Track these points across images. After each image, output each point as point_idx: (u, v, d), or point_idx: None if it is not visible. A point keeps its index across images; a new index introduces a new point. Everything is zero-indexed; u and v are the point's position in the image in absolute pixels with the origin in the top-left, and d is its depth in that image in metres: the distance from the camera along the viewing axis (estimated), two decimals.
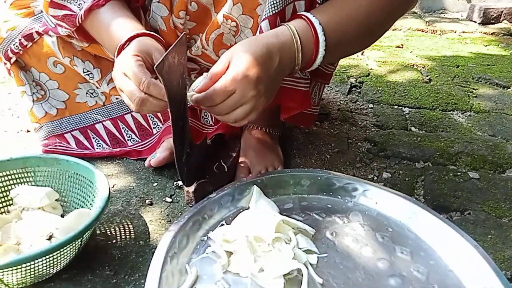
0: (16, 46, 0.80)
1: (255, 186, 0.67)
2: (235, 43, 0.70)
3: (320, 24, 0.59)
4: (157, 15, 0.71)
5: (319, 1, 0.62)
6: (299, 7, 0.63)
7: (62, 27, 0.71)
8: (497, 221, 0.73)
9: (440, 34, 2.10)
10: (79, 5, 0.67)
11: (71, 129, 0.88)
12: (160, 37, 0.66)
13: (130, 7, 0.70)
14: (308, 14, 0.60)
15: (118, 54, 0.62)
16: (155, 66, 0.51)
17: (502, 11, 2.21)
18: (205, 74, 0.59)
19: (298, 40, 0.58)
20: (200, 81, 0.58)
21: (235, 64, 0.54)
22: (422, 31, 2.13)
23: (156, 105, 0.57)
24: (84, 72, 0.81)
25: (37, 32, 0.79)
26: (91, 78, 0.82)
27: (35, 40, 0.80)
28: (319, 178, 0.69)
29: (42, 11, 0.80)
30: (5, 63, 0.83)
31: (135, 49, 0.58)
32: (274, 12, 0.61)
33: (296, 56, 0.59)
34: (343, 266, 0.55)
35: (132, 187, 0.78)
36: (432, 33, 2.11)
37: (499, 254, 0.65)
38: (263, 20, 0.62)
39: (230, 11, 0.65)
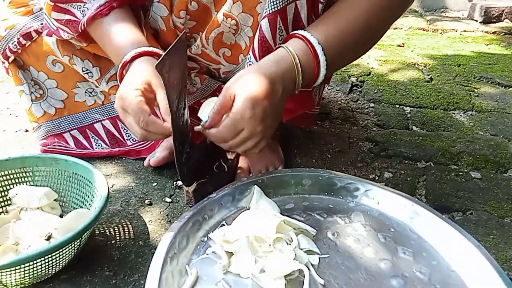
0: (15, 45, 0.79)
1: (255, 186, 0.66)
2: (235, 41, 0.70)
3: (319, 43, 0.59)
4: (157, 15, 0.71)
5: (322, 0, 0.62)
6: (301, 7, 0.62)
7: (64, 31, 0.71)
8: (499, 221, 0.73)
9: (441, 33, 2.10)
10: (82, 11, 0.67)
11: (69, 129, 0.87)
12: (160, 52, 0.65)
13: (131, 8, 0.69)
14: (306, 34, 0.59)
15: (121, 73, 0.63)
16: (155, 65, 0.50)
17: (504, 10, 2.21)
18: (210, 100, 0.61)
19: (298, 64, 0.58)
20: (206, 113, 0.59)
21: (242, 102, 0.54)
22: (423, 30, 2.13)
23: (159, 138, 0.60)
24: (83, 71, 0.81)
25: (35, 30, 0.79)
26: (90, 77, 0.81)
27: (33, 39, 0.79)
28: (321, 178, 0.69)
29: (41, 10, 0.80)
30: (3, 62, 0.82)
31: (133, 83, 0.59)
32: (274, 10, 0.60)
33: (297, 79, 0.59)
34: (344, 267, 0.54)
35: (131, 187, 0.78)
36: (433, 32, 2.11)
37: (501, 254, 0.65)
38: (263, 18, 0.61)
39: (230, 10, 0.65)
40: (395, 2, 0.62)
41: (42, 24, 0.79)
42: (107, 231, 0.66)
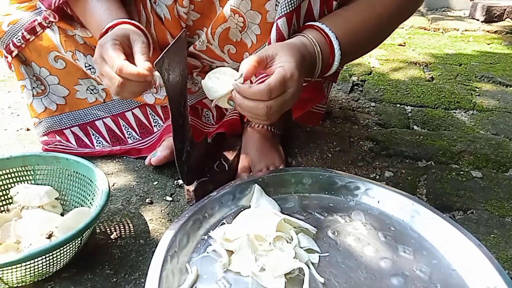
0: (19, 39, 0.79)
1: (256, 184, 0.66)
2: (241, 39, 0.70)
3: (336, 38, 0.60)
4: (162, 3, 0.71)
5: None
6: (314, 3, 0.63)
7: (46, 7, 0.72)
8: (500, 220, 0.73)
9: (442, 32, 2.09)
10: None
11: (70, 125, 0.87)
12: (140, 26, 0.66)
13: None
14: (323, 26, 0.61)
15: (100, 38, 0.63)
16: (154, 62, 0.50)
17: (505, 9, 2.20)
18: (216, 71, 0.56)
19: (320, 52, 0.60)
20: (217, 84, 0.55)
21: (288, 63, 0.53)
22: (425, 29, 2.12)
23: (135, 86, 0.57)
24: (86, 67, 0.81)
25: (40, 24, 0.79)
26: (93, 73, 0.82)
27: (37, 33, 0.79)
28: (321, 176, 0.69)
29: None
30: (6, 57, 0.82)
31: (113, 34, 0.59)
32: (291, 9, 0.61)
33: (317, 65, 0.61)
34: (345, 266, 0.54)
35: (132, 186, 0.78)
36: (434, 31, 2.10)
37: (502, 254, 0.65)
38: (279, 18, 0.61)
39: (238, 6, 0.64)
40: (406, 2, 0.63)
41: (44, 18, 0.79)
42: (108, 229, 0.66)
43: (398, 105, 1.20)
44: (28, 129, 0.98)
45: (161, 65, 0.51)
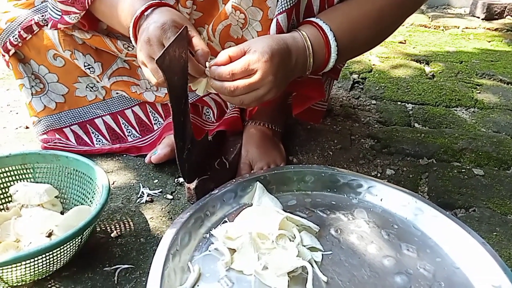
0: (16, 38, 0.78)
1: (258, 182, 0.66)
2: (242, 36, 0.69)
3: (331, 30, 0.60)
4: None
5: None
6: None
7: (70, 13, 0.69)
8: (503, 218, 0.72)
9: (443, 29, 2.08)
10: None
11: (70, 124, 0.86)
12: (175, 8, 0.64)
13: None
14: (318, 21, 0.61)
15: (134, 27, 0.60)
16: (155, 59, 0.49)
17: (506, 6, 2.19)
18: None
19: (310, 47, 0.60)
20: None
21: (260, 48, 0.54)
22: (425, 26, 2.11)
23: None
24: (85, 66, 0.80)
25: (36, 23, 0.78)
26: (91, 72, 0.81)
27: (34, 32, 0.79)
28: (323, 174, 0.68)
29: (43, 2, 0.79)
30: (4, 55, 0.81)
31: (165, 18, 0.56)
32: (291, 4, 0.60)
33: (308, 60, 0.60)
34: (348, 264, 0.54)
35: (132, 184, 0.77)
36: (435, 28, 2.09)
37: (505, 251, 0.64)
38: (279, 14, 0.61)
39: (239, 2, 0.64)
40: (406, 5, 0.63)
41: (43, 16, 0.78)
42: (108, 228, 0.66)
43: (399, 103, 1.19)
44: (27, 127, 0.97)
45: (162, 62, 0.51)
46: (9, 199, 0.66)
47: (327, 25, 0.60)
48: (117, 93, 0.85)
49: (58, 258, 0.53)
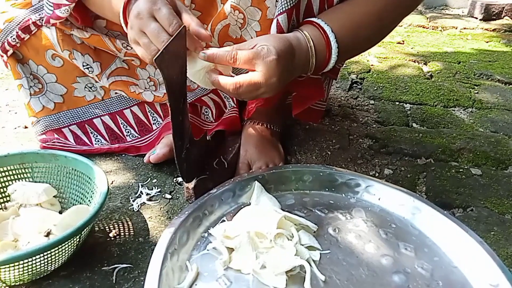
0: (13, 38, 0.78)
1: (256, 182, 0.66)
2: (241, 36, 0.69)
3: (332, 31, 0.60)
4: None
5: None
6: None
7: (61, 6, 0.69)
8: (500, 218, 0.73)
9: (441, 30, 2.09)
10: None
11: (69, 124, 0.86)
12: None
13: None
14: (319, 22, 0.61)
15: (124, 11, 0.59)
16: (154, 58, 0.49)
17: (504, 7, 2.20)
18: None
19: (313, 47, 0.60)
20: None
21: (267, 47, 0.54)
22: (423, 27, 2.12)
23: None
24: (83, 66, 0.80)
25: (34, 23, 0.78)
26: (90, 72, 0.81)
27: (32, 32, 0.79)
28: (321, 174, 0.69)
29: (40, 1, 0.79)
30: (2, 56, 0.81)
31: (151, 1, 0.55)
32: (292, 4, 0.60)
33: (310, 61, 0.60)
34: (346, 263, 0.54)
35: (131, 184, 0.77)
36: (433, 29, 2.10)
37: (502, 251, 0.65)
38: (280, 14, 0.61)
39: (238, 2, 0.64)
40: (405, 4, 0.63)
41: (40, 15, 0.78)
42: (106, 227, 0.66)
43: (397, 103, 1.20)
44: (26, 127, 0.97)
45: (160, 61, 0.51)
46: (7, 198, 0.66)
47: (329, 26, 0.60)
48: (115, 93, 0.85)
49: (56, 258, 0.53)
